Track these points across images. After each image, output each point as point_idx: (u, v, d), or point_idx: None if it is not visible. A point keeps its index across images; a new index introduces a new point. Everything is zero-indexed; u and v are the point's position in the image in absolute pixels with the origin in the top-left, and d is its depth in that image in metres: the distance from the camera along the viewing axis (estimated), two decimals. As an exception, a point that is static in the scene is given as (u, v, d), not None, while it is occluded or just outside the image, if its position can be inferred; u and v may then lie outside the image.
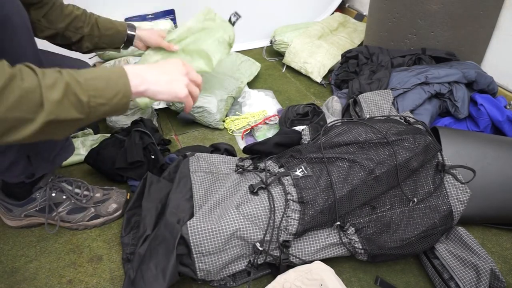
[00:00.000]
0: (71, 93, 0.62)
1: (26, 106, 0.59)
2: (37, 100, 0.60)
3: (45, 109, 0.60)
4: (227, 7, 2.00)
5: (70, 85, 0.63)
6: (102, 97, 0.66)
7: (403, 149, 0.94)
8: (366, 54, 1.57)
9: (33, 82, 0.59)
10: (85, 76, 0.65)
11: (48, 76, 0.61)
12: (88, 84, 0.65)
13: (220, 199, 0.93)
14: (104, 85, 0.66)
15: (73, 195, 1.02)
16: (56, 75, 0.62)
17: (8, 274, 0.94)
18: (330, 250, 0.92)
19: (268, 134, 1.42)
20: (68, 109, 0.63)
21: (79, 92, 0.63)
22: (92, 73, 0.67)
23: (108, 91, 0.67)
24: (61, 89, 0.61)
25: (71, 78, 0.63)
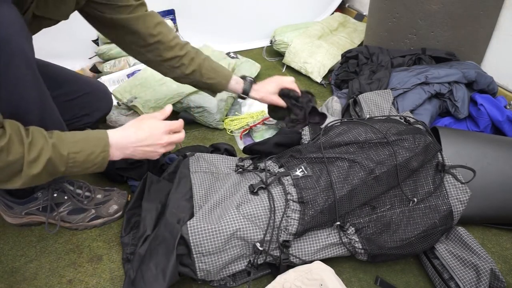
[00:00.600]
0: (50, 166, 0.71)
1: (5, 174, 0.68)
2: (17, 170, 0.68)
3: (22, 178, 0.69)
4: (227, 7, 2.01)
5: (52, 159, 0.70)
6: (78, 167, 0.75)
7: (403, 149, 0.94)
8: (366, 54, 1.57)
9: (17, 156, 0.67)
10: (69, 149, 0.72)
11: (33, 149, 0.68)
12: (69, 157, 0.73)
13: (220, 199, 0.93)
14: (84, 159, 0.75)
15: (75, 195, 1.02)
16: (41, 146, 0.69)
17: (8, 274, 0.94)
18: (330, 250, 0.92)
19: (266, 134, 1.42)
20: (43, 177, 0.72)
21: (59, 164, 0.72)
22: (77, 145, 0.74)
23: (86, 164, 0.76)
24: (42, 164, 0.69)
25: (55, 151, 0.70)
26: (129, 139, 0.82)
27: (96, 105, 1.08)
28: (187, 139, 1.43)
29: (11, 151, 0.66)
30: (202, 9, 1.96)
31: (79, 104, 1.03)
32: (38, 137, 0.70)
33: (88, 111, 1.06)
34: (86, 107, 1.05)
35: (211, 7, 1.98)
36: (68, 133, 0.76)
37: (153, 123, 0.85)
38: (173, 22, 1.88)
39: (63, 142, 0.72)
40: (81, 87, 1.04)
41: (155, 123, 0.85)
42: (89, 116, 1.07)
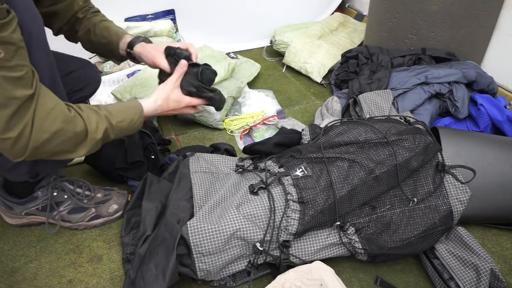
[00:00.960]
0: (105, 134, 0.82)
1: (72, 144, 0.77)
2: (82, 140, 0.79)
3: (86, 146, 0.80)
4: (227, 7, 2.01)
5: (107, 129, 0.82)
6: (123, 133, 0.88)
7: (403, 149, 0.94)
8: (366, 54, 1.57)
9: (82, 127, 0.77)
10: (116, 119, 0.85)
11: (91, 122, 0.79)
12: (117, 126, 0.85)
13: (220, 199, 0.93)
14: (127, 125, 0.88)
15: (75, 194, 1.02)
16: (96, 119, 0.80)
17: (8, 274, 0.94)
18: (330, 250, 0.92)
19: (266, 134, 1.42)
20: (100, 144, 0.83)
21: (111, 132, 0.84)
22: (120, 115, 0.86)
23: (129, 129, 0.89)
24: (101, 133, 0.81)
25: (108, 122, 0.82)
26: (157, 111, 0.96)
27: (88, 79, 1.13)
28: (187, 139, 1.43)
29: (77, 123, 0.76)
30: (202, 9, 1.96)
31: (74, 79, 1.08)
32: (91, 113, 0.80)
33: (82, 85, 1.11)
34: (80, 82, 1.10)
35: (211, 7, 1.98)
36: (110, 105, 0.87)
37: (178, 96, 0.99)
38: (173, 22, 1.88)
39: (111, 113, 0.84)
40: (73, 63, 1.10)
41: (180, 97, 0.99)
42: (83, 90, 1.11)
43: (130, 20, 1.81)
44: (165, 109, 0.97)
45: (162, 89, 0.97)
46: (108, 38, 1.08)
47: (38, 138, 0.71)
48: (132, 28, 1.70)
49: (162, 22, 1.77)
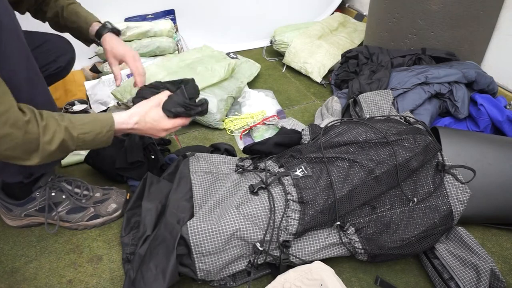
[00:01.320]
0: (63, 145, 0.79)
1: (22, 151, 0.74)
2: (34, 148, 0.75)
3: (39, 155, 0.76)
4: (227, 7, 2.01)
5: (65, 140, 0.78)
6: (87, 145, 0.84)
7: (403, 149, 0.94)
8: (366, 54, 1.57)
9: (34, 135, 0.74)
10: (78, 131, 0.81)
11: (47, 132, 0.75)
12: (79, 138, 0.81)
13: (220, 199, 0.93)
14: (93, 138, 0.83)
15: (73, 194, 1.02)
16: (54, 129, 0.76)
17: (8, 274, 0.94)
18: (330, 250, 0.92)
19: (266, 134, 1.42)
20: (57, 155, 0.80)
21: (70, 144, 0.80)
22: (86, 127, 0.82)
23: (94, 142, 0.84)
24: (56, 144, 0.77)
25: (67, 133, 0.78)
26: (130, 127, 0.90)
27: (59, 50, 1.12)
28: (187, 139, 1.43)
29: (28, 131, 0.73)
30: (202, 9, 1.96)
31: (44, 51, 1.07)
32: (51, 121, 0.77)
33: (54, 57, 1.10)
34: (51, 54, 1.09)
35: (211, 7, 1.98)
36: (77, 116, 0.84)
37: (157, 116, 0.92)
38: (173, 22, 1.88)
39: (74, 124, 0.80)
40: (40, 36, 1.08)
41: (159, 117, 0.92)
42: (56, 61, 1.11)
43: (130, 20, 1.81)
44: (141, 126, 0.90)
45: (140, 105, 0.92)
46: (77, 23, 1.09)
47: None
48: (132, 28, 1.70)
49: (162, 22, 1.77)
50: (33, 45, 1.04)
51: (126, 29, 1.69)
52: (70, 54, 1.17)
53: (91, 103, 1.47)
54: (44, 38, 1.09)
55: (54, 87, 1.48)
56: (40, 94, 0.85)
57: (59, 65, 1.12)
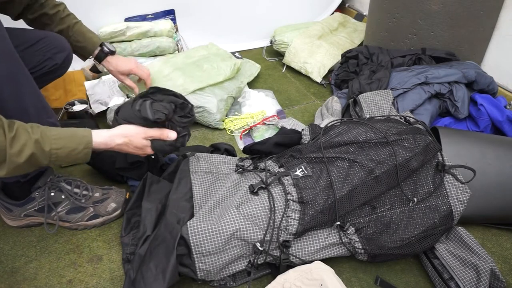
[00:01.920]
0: (33, 159, 0.76)
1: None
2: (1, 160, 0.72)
3: (6, 167, 0.74)
4: (228, 7, 2.01)
5: (34, 154, 0.75)
6: (61, 161, 0.81)
7: (403, 149, 0.94)
8: (366, 54, 1.57)
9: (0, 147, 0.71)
10: (51, 146, 0.77)
11: (16, 144, 0.73)
12: (51, 153, 0.78)
13: (220, 199, 0.93)
14: (66, 154, 0.80)
15: (72, 194, 1.02)
16: (24, 141, 0.73)
17: (8, 274, 0.94)
18: (330, 250, 0.92)
19: (266, 134, 1.42)
20: (26, 168, 0.77)
21: (41, 158, 0.77)
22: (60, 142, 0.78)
23: (68, 158, 0.81)
24: (24, 157, 0.74)
25: (37, 147, 0.75)
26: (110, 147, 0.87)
27: (55, 47, 1.12)
28: (187, 139, 1.43)
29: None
30: (202, 9, 1.96)
31: (39, 49, 1.08)
32: (22, 133, 0.74)
33: (50, 54, 1.10)
34: (47, 51, 1.09)
35: (211, 7, 1.98)
36: (53, 129, 0.80)
37: (141, 145, 0.90)
38: (173, 22, 1.88)
39: (47, 138, 0.77)
40: (35, 34, 1.09)
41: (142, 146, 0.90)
42: (52, 59, 1.11)
43: (130, 20, 1.81)
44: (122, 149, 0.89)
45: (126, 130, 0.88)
46: (82, 43, 1.16)
47: None
48: (132, 28, 1.70)
49: (162, 22, 1.77)
50: (28, 43, 1.05)
51: (126, 29, 1.69)
52: (67, 51, 1.16)
53: (91, 103, 1.47)
54: (39, 36, 1.09)
55: (54, 87, 1.48)
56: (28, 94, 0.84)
57: (55, 63, 1.12)
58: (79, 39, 1.16)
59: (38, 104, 0.87)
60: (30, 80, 0.85)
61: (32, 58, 1.06)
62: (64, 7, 1.13)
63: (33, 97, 0.86)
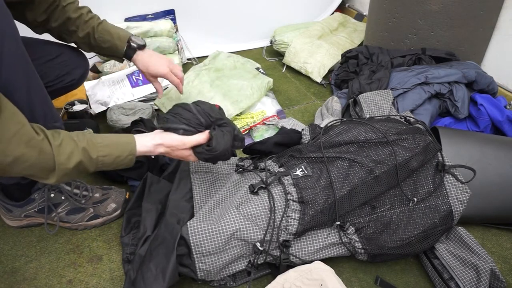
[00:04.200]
0: (81, 166, 0.77)
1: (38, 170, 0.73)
2: (50, 168, 0.74)
3: (55, 175, 0.74)
4: (227, 7, 2.01)
5: (82, 162, 0.76)
6: (107, 167, 0.82)
7: (403, 149, 0.94)
8: (366, 54, 1.57)
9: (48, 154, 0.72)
10: (98, 153, 0.78)
11: (63, 152, 0.74)
12: (98, 160, 0.79)
13: (220, 199, 0.93)
14: (112, 161, 0.81)
15: (72, 195, 1.02)
16: (71, 149, 0.75)
17: (8, 274, 0.94)
18: (330, 250, 0.92)
19: (266, 134, 1.42)
20: (74, 175, 0.78)
21: (89, 166, 0.78)
22: (106, 149, 0.80)
23: (114, 165, 0.82)
24: (72, 164, 0.75)
25: (85, 155, 0.77)
26: (154, 154, 0.88)
27: (74, 63, 1.12)
28: (187, 139, 1.43)
29: (42, 150, 0.72)
30: (202, 9, 1.96)
31: (59, 63, 1.07)
32: (68, 141, 0.75)
33: (68, 69, 1.10)
34: (66, 66, 1.09)
35: (211, 7, 1.98)
36: (98, 136, 0.81)
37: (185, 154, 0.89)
38: (173, 22, 1.88)
39: (93, 145, 0.78)
40: (56, 49, 1.09)
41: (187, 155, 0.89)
42: (70, 74, 1.11)
43: (130, 20, 1.81)
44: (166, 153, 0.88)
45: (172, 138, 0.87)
46: (110, 41, 1.08)
47: (1, 161, 0.68)
48: (132, 28, 1.70)
49: (162, 22, 1.77)
50: (50, 56, 1.05)
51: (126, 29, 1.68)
52: (84, 67, 1.16)
53: (91, 103, 1.47)
54: (59, 50, 1.08)
55: (54, 87, 1.48)
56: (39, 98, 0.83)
57: (72, 78, 1.11)
58: (106, 38, 1.07)
59: (47, 108, 0.86)
60: (41, 85, 0.85)
61: (51, 71, 1.05)
62: (87, 10, 1.07)
63: (43, 102, 0.85)
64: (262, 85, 1.55)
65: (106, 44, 1.08)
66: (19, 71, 0.76)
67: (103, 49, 1.10)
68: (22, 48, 0.77)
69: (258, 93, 1.52)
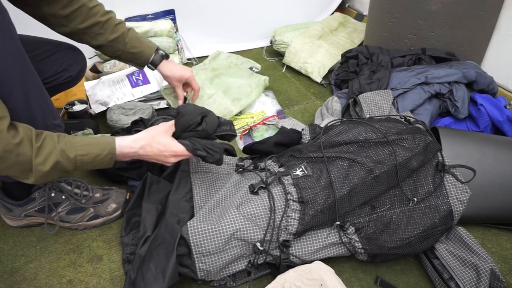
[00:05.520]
0: (59, 166, 0.78)
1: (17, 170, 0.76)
2: (28, 169, 0.76)
3: (33, 176, 0.77)
4: (227, 7, 2.01)
5: (59, 162, 0.78)
6: (86, 166, 0.83)
7: (403, 149, 0.94)
8: (366, 54, 1.57)
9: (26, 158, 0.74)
10: (76, 152, 0.80)
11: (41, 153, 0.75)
12: (77, 159, 0.80)
13: (221, 199, 0.93)
14: (91, 160, 0.82)
15: (72, 195, 1.02)
16: (49, 150, 0.76)
17: (8, 274, 0.94)
18: (330, 250, 0.92)
19: (266, 134, 1.42)
20: (53, 175, 0.80)
21: (67, 165, 0.79)
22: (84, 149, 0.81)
23: (94, 163, 0.83)
24: (49, 165, 0.76)
25: (62, 155, 0.78)
26: (134, 151, 0.88)
27: (71, 59, 1.14)
28: (187, 139, 1.43)
29: (20, 152, 0.74)
30: (202, 9, 1.96)
31: (56, 60, 1.09)
32: (49, 142, 0.77)
33: (66, 65, 1.11)
34: (63, 62, 1.11)
35: (211, 7, 1.98)
36: (78, 137, 0.83)
37: (164, 141, 0.89)
38: (173, 22, 1.88)
39: (71, 146, 0.80)
40: (54, 45, 1.10)
41: (165, 143, 0.89)
42: (67, 70, 1.12)
43: (130, 20, 1.81)
44: (147, 151, 0.88)
45: (149, 129, 0.91)
46: (139, 48, 1.13)
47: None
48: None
49: (162, 22, 1.77)
50: (46, 53, 1.06)
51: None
52: (81, 63, 1.18)
53: (91, 103, 1.47)
54: (56, 47, 1.10)
55: (54, 87, 1.48)
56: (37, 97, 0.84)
57: (70, 74, 1.13)
58: (136, 44, 1.12)
59: (45, 106, 0.87)
60: (39, 83, 0.85)
61: (49, 68, 1.07)
62: (114, 14, 1.08)
63: (41, 100, 0.86)
64: (259, 83, 1.56)
65: (134, 49, 1.12)
66: (15, 69, 0.76)
67: (128, 54, 1.12)
68: (18, 45, 0.77)
69: (256, 90, 1.53)
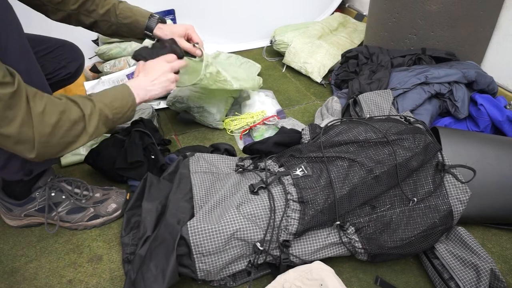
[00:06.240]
0: (103, 116, 0.85)
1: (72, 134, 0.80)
2: (82, 128, 0.81)
3: (87, 133, 0.83)
4: (227, 7, 2.01)
5: (102, 110, 0.85)
6: (120, 113, 0.90)
7: (403, 149, 0.94)
8: (366, 54, 1.57)
9: (78, 113, 0.80)
10: (105, 101, 0.87)
11: (85, 107, 0.82)
12: (111, 106, 0.87)
13: (221, 199, 0.93)
14: (120, 104, 0.89)
15: (73, 195, 1.02)
16: (88, 103, 0.83)
17: (8, 274, 0.94)
18: (330, 250, 0.92)
19: (266, 134, 1.42)
20: (102, 128, 0.86)
21: (108, 112, 0.86)
22: (109, 96, 0.89)
23: (123, 108, 0.90)
24: (97, 115, 0.84)
25: (99, 103, 0.85)
26: (143, 81, 0.97)
27: (70, 56, 1.16)
28: (187, 139, 1.43)
29: (71, 111, 0.79)
30: (202, 9, 1.96)
31: (56, 56, 1.11)
32: (80, 98, 0.83)
33: (65, 63, 1.14)
34: (63, 59, 1.14)
35: (211, 7, 1.98)
36: (97, 92, 0.89)
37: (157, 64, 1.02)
38: (173, 22, 1.88)
39: (99, 96, 0.87)
40: (54, 42, 1.13)
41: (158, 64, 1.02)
42: (66, 67, 1.15)
43: (130, 20, 1.81)
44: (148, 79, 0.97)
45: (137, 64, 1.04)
46: (132, 17, 1.10)
47: (41, 132, 0.75)
48: (132, 28, 1.69)
49: (162, 22, 1.77)
50: (46, 50, 1.08)
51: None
52: (80, 60, 1.20)
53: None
54: (56, 44, 1.11)
55: (54, 87, 1.48)
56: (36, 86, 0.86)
57: (68, 71, 1.15)
58: (128, 14, 1.09)
59: None
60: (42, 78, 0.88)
61: (49, 64, 1.09)
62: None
63: None
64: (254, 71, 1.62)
65: (127, 20, 1.10)
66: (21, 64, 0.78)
67: (123, 25, 1.10)
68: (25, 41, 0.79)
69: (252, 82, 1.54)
